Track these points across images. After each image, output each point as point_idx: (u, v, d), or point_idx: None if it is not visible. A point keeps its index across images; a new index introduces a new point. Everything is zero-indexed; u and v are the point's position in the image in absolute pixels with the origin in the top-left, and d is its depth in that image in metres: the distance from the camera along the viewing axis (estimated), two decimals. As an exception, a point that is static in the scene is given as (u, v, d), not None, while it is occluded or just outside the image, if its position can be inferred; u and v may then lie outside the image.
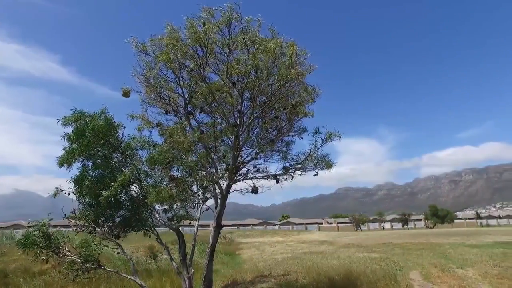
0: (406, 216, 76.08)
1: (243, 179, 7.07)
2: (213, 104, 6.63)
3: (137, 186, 8.21)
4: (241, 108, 6.43)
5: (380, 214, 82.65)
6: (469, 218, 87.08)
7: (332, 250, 20.08)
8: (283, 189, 7.32)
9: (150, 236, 8.82)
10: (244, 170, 7.15)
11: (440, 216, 71.48)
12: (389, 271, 11.13)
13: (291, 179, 6.90)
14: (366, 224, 74.57)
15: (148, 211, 8.49)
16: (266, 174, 7.01)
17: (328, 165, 6.52)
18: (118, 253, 8.69)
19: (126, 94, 6.71)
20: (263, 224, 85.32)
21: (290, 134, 7.21)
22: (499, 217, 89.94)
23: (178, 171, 8.11)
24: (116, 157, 8.24)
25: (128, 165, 8.19)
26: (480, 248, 18.14)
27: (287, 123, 6.93)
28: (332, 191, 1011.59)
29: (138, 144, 8.23)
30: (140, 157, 8.49)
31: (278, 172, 6.88)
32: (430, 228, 66.37)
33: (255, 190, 6.62)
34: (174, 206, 9.03)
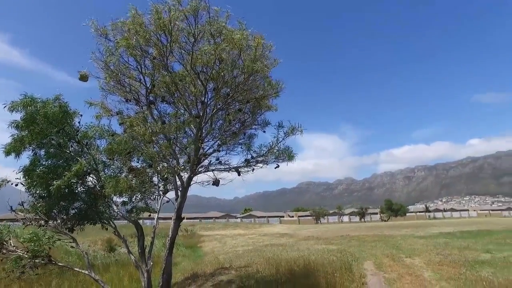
0: (363, 210, 79.87)
1: (205, 171, 6.99)
2: (175, 94, 6.47)
3: (94, 177, 7.87)
4: (205, 99, 6.32)
5: (339, 208, 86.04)
6: (419, 212, 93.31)
7: (293, 243, 20.60)
8: (246, 182, 7.37)
9: (107, 229, 8.52)
10: (206, 162, 7.07)
11: (394, 210, 75.82)
12: (345, 262, 11.64)
13: (252, 171, 6.92)
14: (326, 217, 77.28)
15: (106, 203, 8.19)
16: (228, 166, 6.97)
17: (290, 157, 6.62)
18: (72, 247, 8.30)
19: (83, 78, 6.34)
20: (226, 217, 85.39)
21: (253, 127, 7.22)
22: (444, 210, 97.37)
23: (138, 162, 7.86)
24: (72, 146, 7.83)
25: (85, 155, 7.82)
26: (427, 238, 19.60)
27: (250, 116, 6.93)
28: (294, 185, 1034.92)
29: (96, 133, 7.84)
30: (98, 146, 8.12)
31: (240, 165, 6.88)
32: (385, 221, 70.10)
33: (216, 183, 6.58)
34: (134, 198, 8.78)
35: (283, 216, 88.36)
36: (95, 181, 7.88)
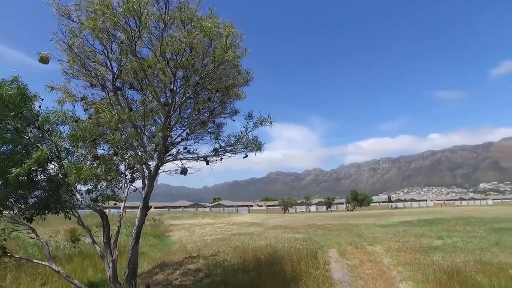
0: (330, 200, 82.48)
1: (173, 160, 6.90)
2: (144, 81, 6.29)
3: (56, 164, 7.53)
4: (174, 87, 6.19)
5: (307, 198, 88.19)
6: (383, 202, 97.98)
7: (261, 231, 20.94)
8: (216, 171, 7.37)
9: (70, 219, 8.22)
10: (174, 151, 6.98)
11: (359, 200, 78.98)
12: (310, 250, 12.05)
13: (221, 160, 6.93)
14: (294, 207, 78.99)
15: (69, 191, 7.87)
16: (196, 155, 6.93)
17: (258, 148, 6.68)
18: (31, 237, 7.95)
19: (43, 60, 5.99)
20: (195, 206, 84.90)
21: (222, 116, 7.20)
22: (405, 200, 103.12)
23: (104, 150, 7.61)
24: (32, 132, 7.42)
25: (46, 141, 7.44)
26: (388, 227, 20.71)
27: (219, 105, 6.90)
28: (264, 175, 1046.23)
29: (59, 119, 7.47)
30: (60, 133, 7.75)
31: (209, 154, 6.86)
32: (350, 210, 72.85)
33: (184, 171, 6.52)
34: (99, 187, 8.52)
35: (252, 206, 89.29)
36: (57, 168, 7.55)
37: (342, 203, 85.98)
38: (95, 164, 6.76)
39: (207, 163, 6.83)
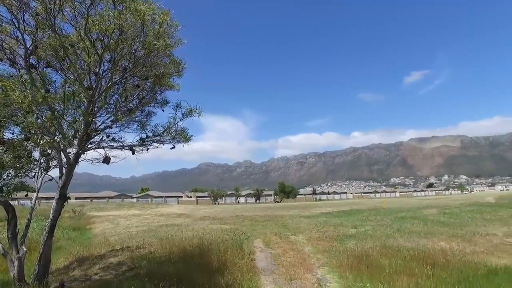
0: (259, 191, 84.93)
1: (96, 148, 6.43)
2: (65, 61, 5.70)
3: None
4: (99, 70, 5.72)
5: (236, 190, 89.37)
6: (308, 194, 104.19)
7: (189, 223, 20.78)
8: (145, 161, 7.10)
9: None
10: (97, 138, 6.49)
11: (286, 192, 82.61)
12: (237, 240, 12.34)
13: (147, 151, 6.66)
14: (223, 198, 79.61)
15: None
16: (121, 144, 6.54)
17: (186, 139, 6.56)
18: None
19: None
20: (120, 197, 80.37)
21: (152, 105, 6.90)
22: (328, 193, 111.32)
23: (13, 134, 6.75)
24: None
25: None
26: (311, 218, 22.21)
27: (149, 94, 6.61)
28: (195, 165, 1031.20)
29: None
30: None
31: (135, 143, 6.53)
32: (278, 202, 75.90)
33: (106, 160, 6.11)
34: (5, 175, 7.56)
35: (181, 197, 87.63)
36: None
37: (271, 195, 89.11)
38: (1, 150, 5.98)
39: (133, 153, 6.51)
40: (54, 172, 7.82)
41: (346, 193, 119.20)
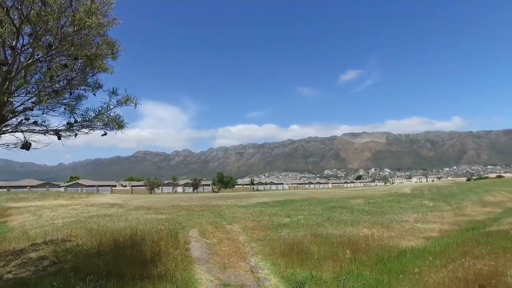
0: (197, 181, 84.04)
1: (12, 132, 5.74)
2: (-27, 29, 4.97)
3: None
4: (16, 43, 5.06)
5: (174, 179, 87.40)
6: (246, 184, 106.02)
7: (122, 213, 19.86)
8: (75, 148, 6.62)
9: None
10: (14, 121, 5.79)
11: (225, 182, 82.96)
12: (172, 230, 12.14)
13: (75, 136, 6.15)
14: (160, 187, 77.33)
15: None
16: (45, 128, 5.93)
17: (120, 126, 6.17)
18: None
19: None
20: (45, 186, 73.37)
21: (82, 88, 6.36)
22: (266, 183, 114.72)
23: None
24: None
25: None
26: (247, 207, 22.71)
27: (79, 75, 6.08)
28: (131, 153, 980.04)
29: None
30: None
31: (61, 128, 5.97)
32: (216, 192, 75.97)
33: (26, 146, 5.50)
34: None
35: (115, 186, 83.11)
36: None
37: (209, 185, 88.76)
38: None
39: (59, 138, 5.95)
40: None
41: (282, 183, 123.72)
